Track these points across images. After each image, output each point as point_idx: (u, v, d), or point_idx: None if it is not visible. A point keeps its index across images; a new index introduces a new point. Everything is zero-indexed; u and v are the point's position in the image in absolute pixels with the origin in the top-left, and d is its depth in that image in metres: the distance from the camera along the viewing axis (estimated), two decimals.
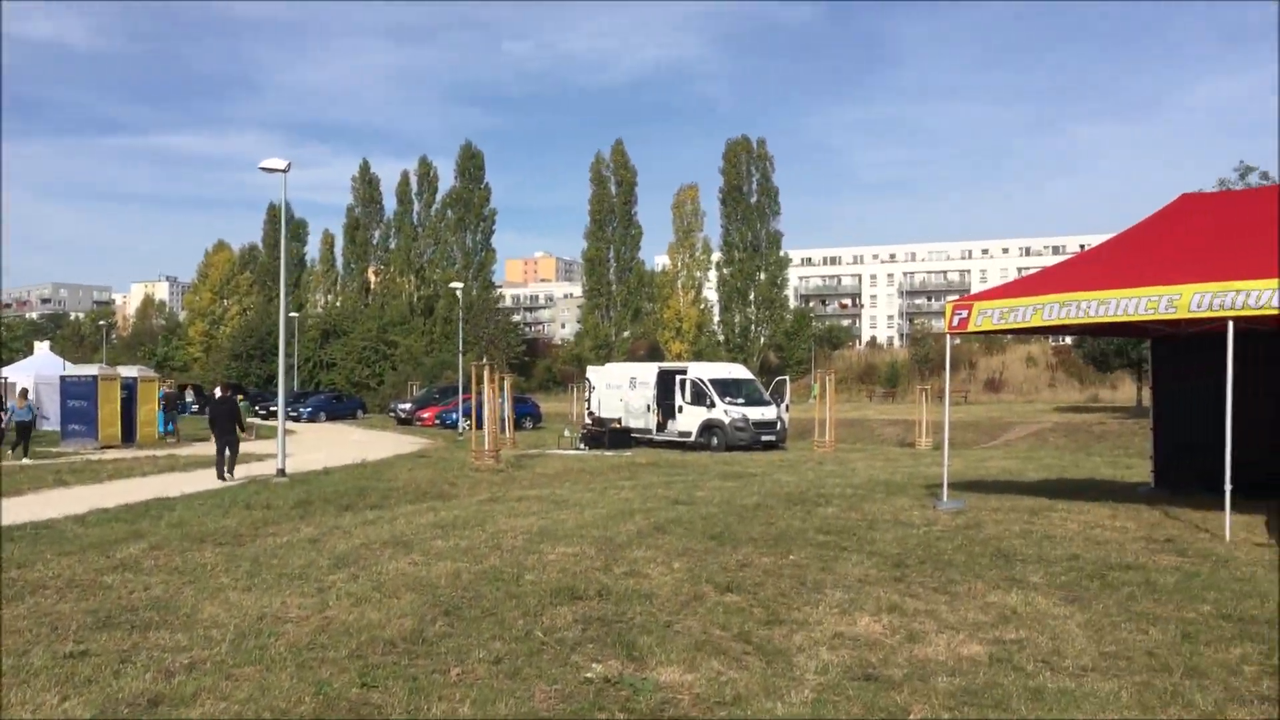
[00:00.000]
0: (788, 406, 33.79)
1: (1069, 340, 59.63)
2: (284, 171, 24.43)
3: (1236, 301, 12.29)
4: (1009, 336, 74.15)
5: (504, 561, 11.22)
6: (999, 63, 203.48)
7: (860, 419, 48.30)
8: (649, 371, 34.84)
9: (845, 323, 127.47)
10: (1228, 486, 12.57)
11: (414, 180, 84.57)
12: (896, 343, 77.54)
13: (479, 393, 29.47)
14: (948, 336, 15.71)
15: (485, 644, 7.93)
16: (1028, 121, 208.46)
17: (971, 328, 15.23)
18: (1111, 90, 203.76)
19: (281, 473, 23.04)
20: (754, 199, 67.51)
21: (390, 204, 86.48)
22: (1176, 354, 16.97)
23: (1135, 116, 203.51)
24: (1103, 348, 44.58)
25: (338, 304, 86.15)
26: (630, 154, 70.99)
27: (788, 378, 36.68)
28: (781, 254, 68.98)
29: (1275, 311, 12.13)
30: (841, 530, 13.37)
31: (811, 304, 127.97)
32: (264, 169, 24.40)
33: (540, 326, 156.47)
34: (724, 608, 9.11)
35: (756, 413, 31.92)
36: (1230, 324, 12.43)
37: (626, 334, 77.76)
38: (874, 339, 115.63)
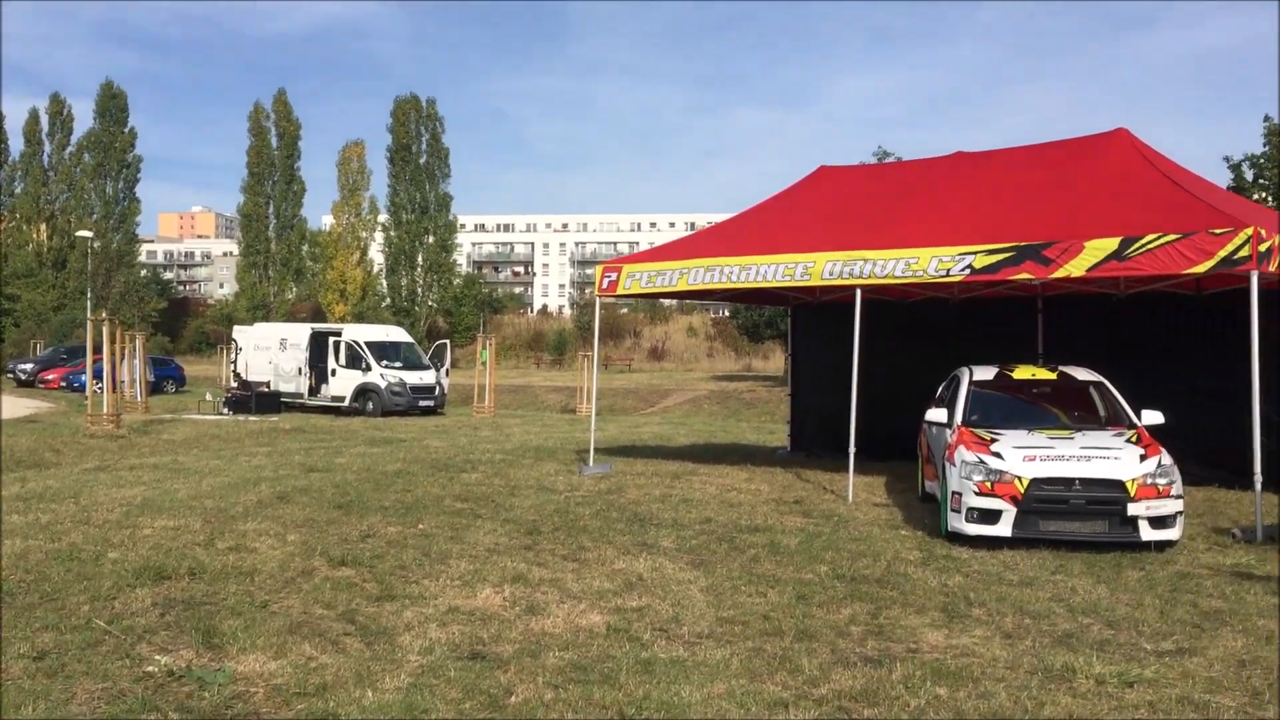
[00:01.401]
0: (448, 371, 32.96)
1: (726, 312, 62.22)
2: None
3: (864, 270, 12.68)
4: (673, 306, 76.68)
5: (87, 538, 9.82)
6: (665, 46, 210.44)
7: (526, 385, 48.25)
8: (300, 332, 32.96)
9: (518, 290, 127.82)
10: (851, 450, 13.01)
11: (44, 119, 76.27)
12: (567, 311, 78.45)
13: (114, 353, 26.69)
14: (597, 299, 15.47)
15: (32, 636, 6.71)
16: (692, 103, 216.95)
17: (620, 290, 15.05)
18: (768, 78, 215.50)
19: None
20: (423, 159, 65.78)
21: (17, 145, 77.61)
22: (812, 321, 17.60)
23: (789, 103, 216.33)
24: (755, 319, 46.70)
25: None
26: (299, 110, 67.61)
27: (449, 342, 35.79)
28: (451, 217, 67.70)
29: (899, 281, 12.62)
30: (480, 497, 12.79)
31: (484, 270, 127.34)
32: None
33: (197, 285, 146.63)
34: (333, 583, 8.28)
35: (415, 377, 30.91)
36: (858, 292, 12.84)
37: (291, 295, 73.89)
38: (545, 307, 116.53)
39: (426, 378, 31.21)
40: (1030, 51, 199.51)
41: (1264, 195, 30.75)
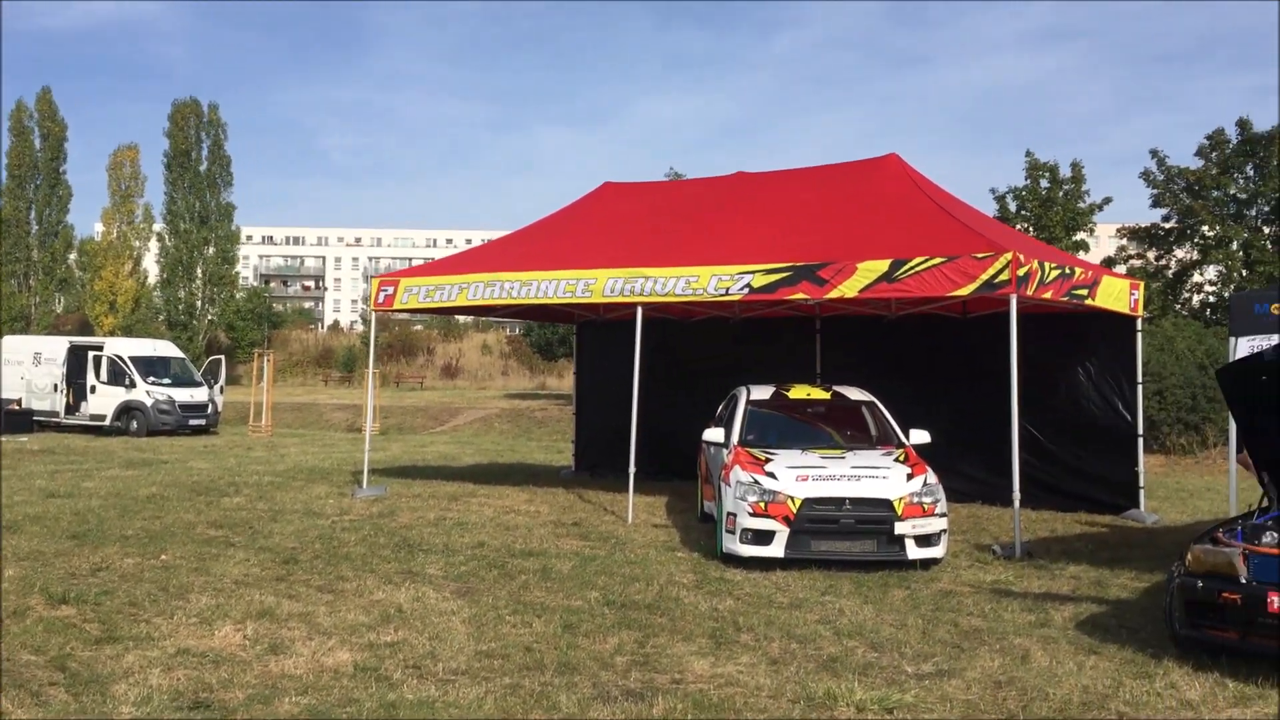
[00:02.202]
0: (222, 389, 31.19)
1: (519, 330, 61.71)
2: None
3: (645, 288, 12.53)
4: (469, 323, 75.60)
5: None
6: (467, 61, 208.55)
7: (311, 403, 46.39)
8: (56, 346, 30.54)
9: (308, 305, 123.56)
10: (631, 470, 12.82)
11: None
12: (359, 326, 76.00)
13: None
14: (373, 313, 14.79)
15: None
16: (494, 119, 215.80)
17: (397, 305, 14.43)
18: (568, 98, 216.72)
19: None
20: (204, 167, 62.47)
21: None
22: (597, 339, 17.39)
23: (589, 124, 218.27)
24: (548, 336, 46.36)
25: None
26: (69, 111, 63.08)
27: (223, 358, 33.92)
28: (234, 228, 64.51)
29: (680, 299, 12.52)
30: (237, 524, 11.93)
31: (272, 284, 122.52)
32: None
33: None
34: (48, 624, 7.41)
35: (185, 394, 29.10)
36: (639, 309, 12.67)
37: (59, 307, 68.86)
38: (336, 322, 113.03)
39: (198, 395, 29.44)
40: (820, 83, 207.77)
41: (1026, 226, 32.54)
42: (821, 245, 12.00)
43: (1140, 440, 13.58)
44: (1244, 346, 7.65)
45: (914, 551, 9.67)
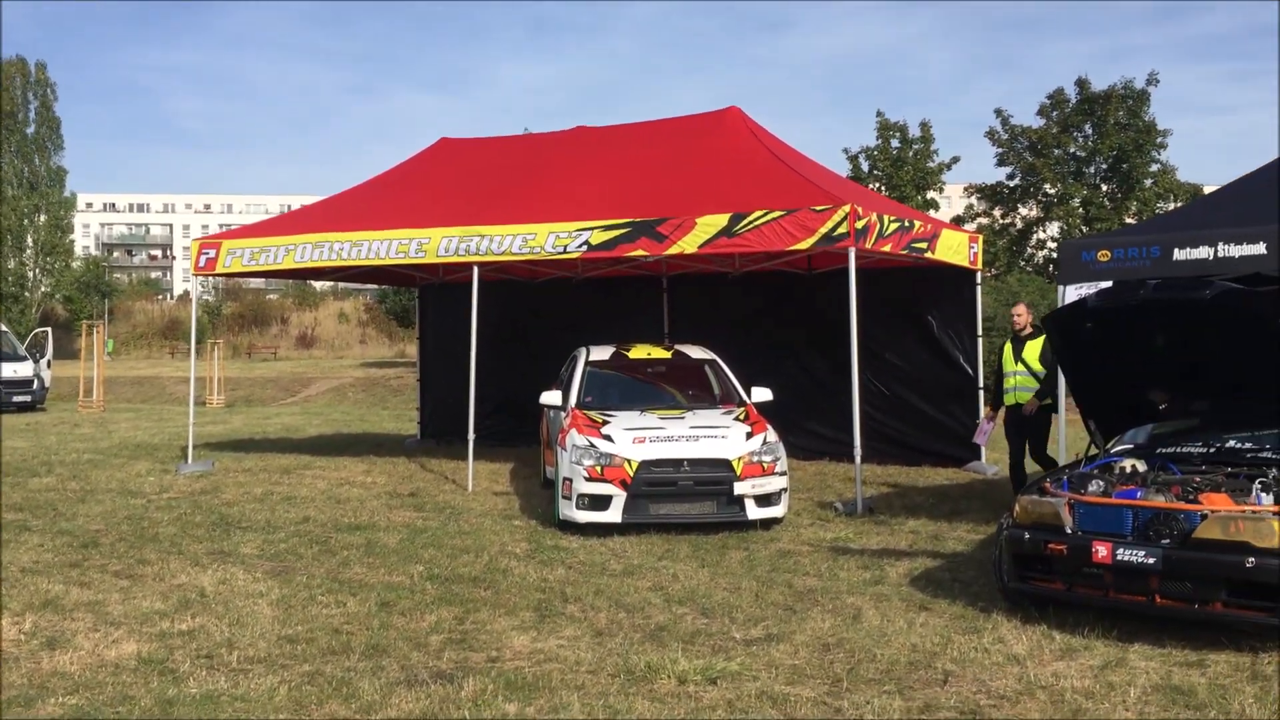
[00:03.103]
0: (49, 363, 29.42)
1: (374, 297, 60.23)
2: None
3: (481, 247, 12.02)
4: (326, 290, 73.48)
5: None
6: (322, 24, 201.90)
7: (154, 376, 44.35)
8: None
9: (155, 275, 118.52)
10: (470, 436, 12.35)
11: None
12: (209, 296, 73.14)
13: None
14: (194, 278, 13.92)
15: None
16: (351, 84, 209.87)
17: (220, 269, 13.60)
18: (428, 62, 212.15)
19: None
20: (31, 129, 58.96)
21: None
22: (439, 301, 16.76)
23: (451, 89, 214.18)
24: (405, 302, 45.25)
25: None
26: None
27: (49, 330, 31.97)
28: (68, 194, 61.18)
29: (517, 258, 12.06)
30: (41, 505, 11.06)
31: (115, 253, 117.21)
32: None
33: None
34: None
35: (8, 370, 27.30)
36: (475, 270, 12.16)
37: None
38: (186, 292, 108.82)
39: (21, 370, 27.66)
40: (682, 47, 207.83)
41: (878, 185, 32.94)
42: (661, 200, 11.66)
43: (981, 393, 13.69)
44: (1072, 295, 7.59)
45: (754, 511, 9.46)
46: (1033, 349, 10.48)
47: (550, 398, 10.89)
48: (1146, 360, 6.88)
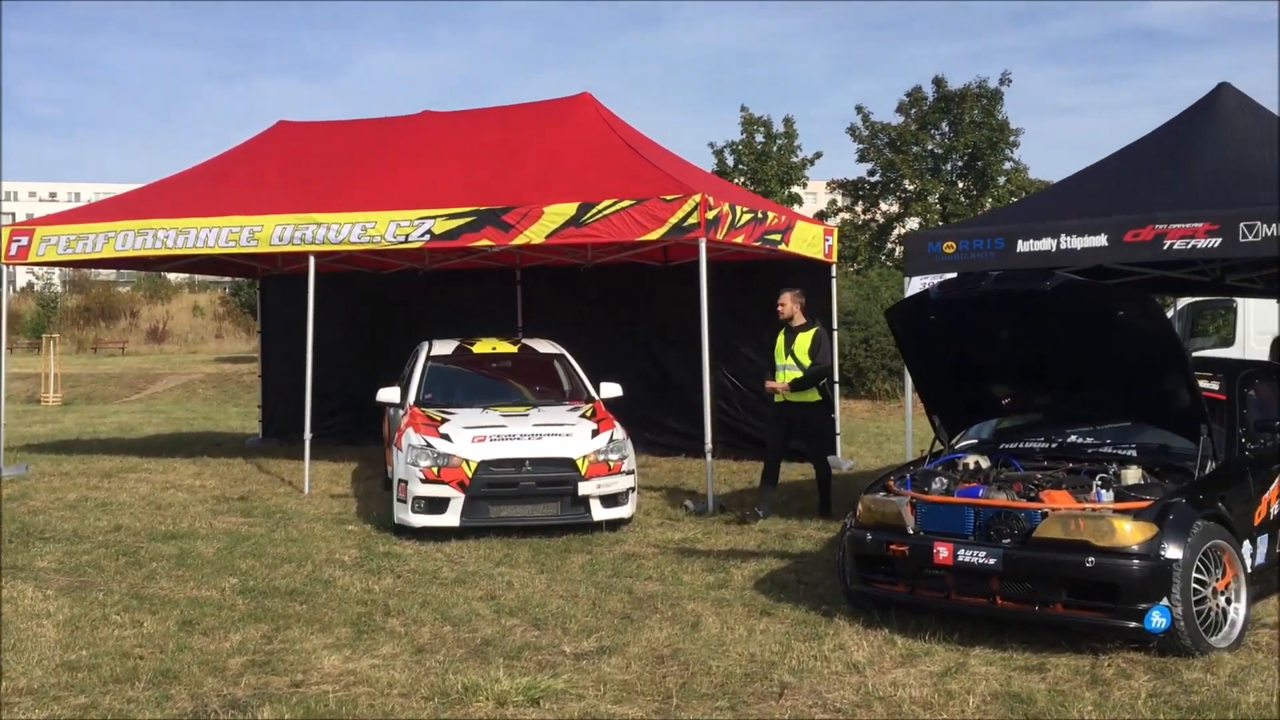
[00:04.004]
0: None
1: (229, 290, 58.12)
2: None
3: (318, 235, 11.38)
4: (183, 282, 70.60)
5: None
6: (179, 4, 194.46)
7: None
8: None
9: None
10: (307, 435, 11.71)
11: None
12: (57, 287, 69.47)
13: None
14: (3, 267, 12.86)
15: None
16: (213, 70, 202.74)
17: (33, 258, 12.60)
18: (294, 49, 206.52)
19: None
20: None
21: None
22: (282, 293, 15.93)
23: (318, 77, 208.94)
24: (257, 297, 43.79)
25: None
26: None
27: None
28: None
29: (356, 247, 11.48)
30: None
31: None
32: None
33: None
34: None
35: None
36: (312, 259, 11.51)
37: None
38: (31, 284, 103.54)
39: None
40: (554, 40, 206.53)
41: (743, 179, 32.97)
42: (508, 189, 11.18)
43: (836, 387, 13.58)
44: (917, 286, 7.41)
45: (600, 512, 9.08)
46: (804, 341, 9.79)
47: (388, 395, 10.32)
48: (990, 353, 6.71)
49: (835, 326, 13.63)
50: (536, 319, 14.50)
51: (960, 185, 32.45)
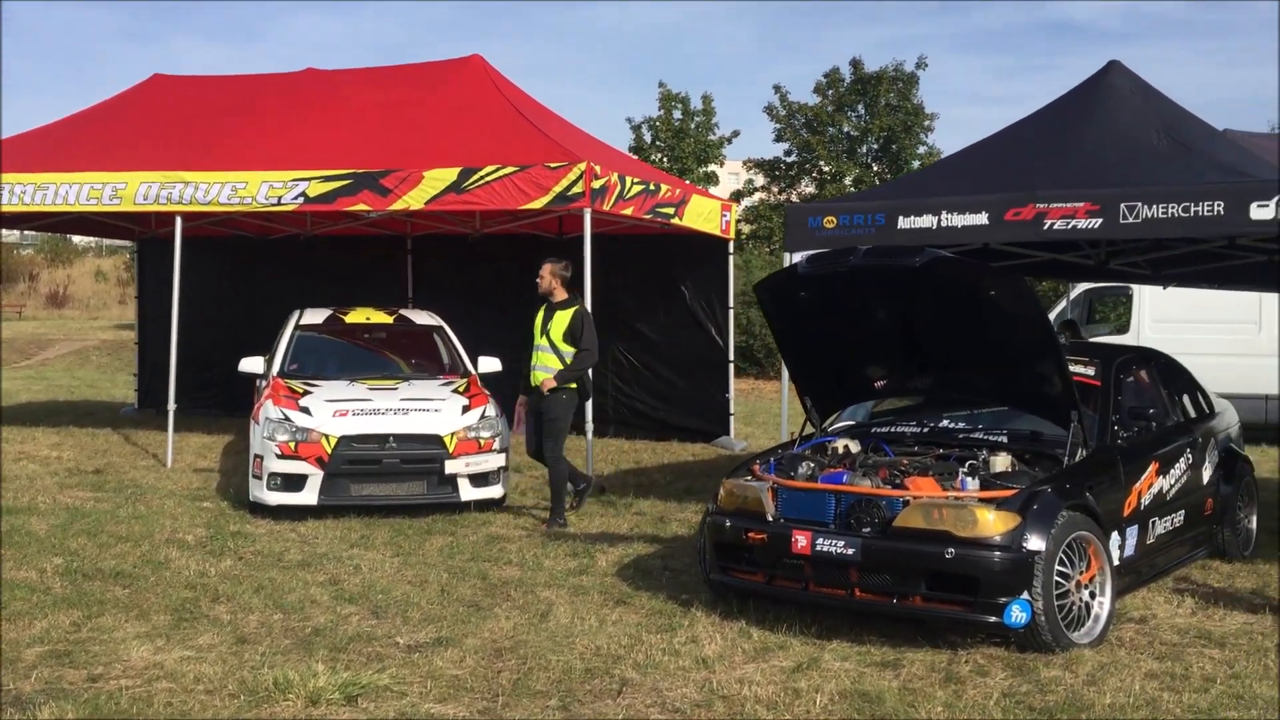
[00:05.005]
0: None
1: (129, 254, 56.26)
2: None
3: (185, 195, 10.77)
4: (88, 245, 68.25)
5: None
6: None
7: None
8: None
9: None
10: (171, 405, 11.17)
11: None
12: None
13: None
14: None
15: None
16: (126, 29, 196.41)
17: None
18: (209, 10, 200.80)
19: None
20: None
21: None
22: (160, 257, 15.07)
23: (234, 38, 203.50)
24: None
25: None
26: None
27: None
28: None
29: (227, 209, 10.91)
30: None
31: None
32: None
33: None
34: None
35: None
36: (178, 220, 10.89)
37: None
38: None
39: None
40: (481, 12, 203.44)
41: (660, 156, 32.59)
42: (388, 152, 10.69)
43: (731, 366, 13.30)
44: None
45: (469, 492, 8.67)
46: (561, 321, 8.49)
47: (250, 365, 9.75)
48: (863, 332, 6.41)
49: (731, 304, 13.33)
50: (427, 290, 14.01)
51: (875, 168, 32.43)
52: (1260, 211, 6.22)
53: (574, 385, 8.55)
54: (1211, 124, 7.72)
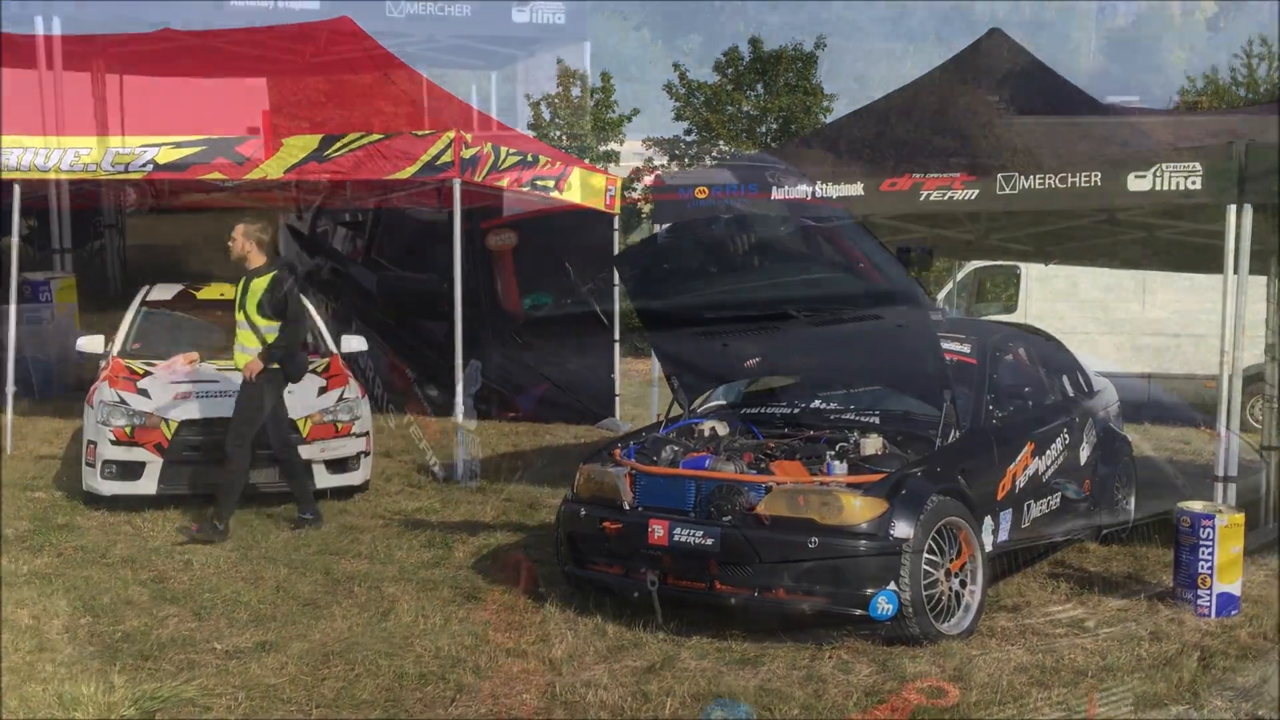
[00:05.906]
0: None
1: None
2: None
3: (23, 162, 9.91)
4: None
5: None
6: None
7: None
8: None
9: None
10: (10, 387, 10.32)
11: None
12: None
13: None
14: None
15: None
16: None
17: None
18: None
19: None
20: None
21: None
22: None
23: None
24: None
25: None
26: None
27: None
28: None
29: (69, 176, 10.16)
30: None
31: None
32: None
33: None
34: None
35: None
36: (17, 188, 10.09)
37: None
38: None
39: None
40: None
41: (560, 134, 32.02)
42: (246, 117, 10.05)
43: (617, 345, 12.89)
44: None
45: (324, 479, 8.11)
46: (257, 289, 7.29)
47: (88, 344, 9.03)
48: (732, 308, 6.04)
49: (617, 282, 12.89)
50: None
51: (775, 147, 32.32)
52: (1138, 183, 6.01)
53: (276, 365, 7.27)
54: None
